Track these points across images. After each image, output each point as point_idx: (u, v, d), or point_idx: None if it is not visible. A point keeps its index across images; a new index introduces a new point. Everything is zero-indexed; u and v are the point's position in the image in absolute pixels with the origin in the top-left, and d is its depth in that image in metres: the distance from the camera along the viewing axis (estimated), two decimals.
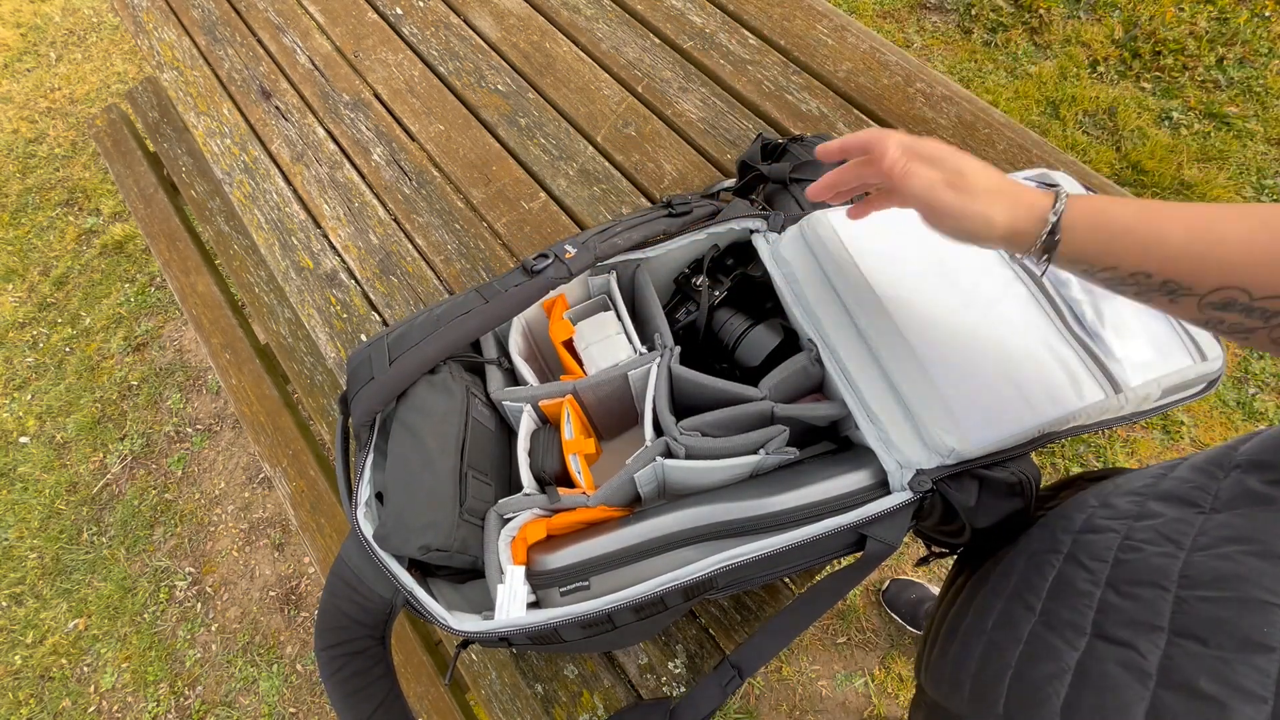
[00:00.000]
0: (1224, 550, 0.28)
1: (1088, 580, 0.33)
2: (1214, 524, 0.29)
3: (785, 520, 0.50)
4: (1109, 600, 0.31)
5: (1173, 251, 0.34)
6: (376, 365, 0.54)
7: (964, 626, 0.43)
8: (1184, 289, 0.34)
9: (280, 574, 1.61)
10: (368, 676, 0.49)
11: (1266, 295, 0.31)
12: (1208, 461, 0.33)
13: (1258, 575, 0.26)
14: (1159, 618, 0.28)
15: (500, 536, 0.52)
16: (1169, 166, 1.59)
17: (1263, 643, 0.25)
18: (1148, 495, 0.35)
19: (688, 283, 0.65)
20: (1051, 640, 0.33)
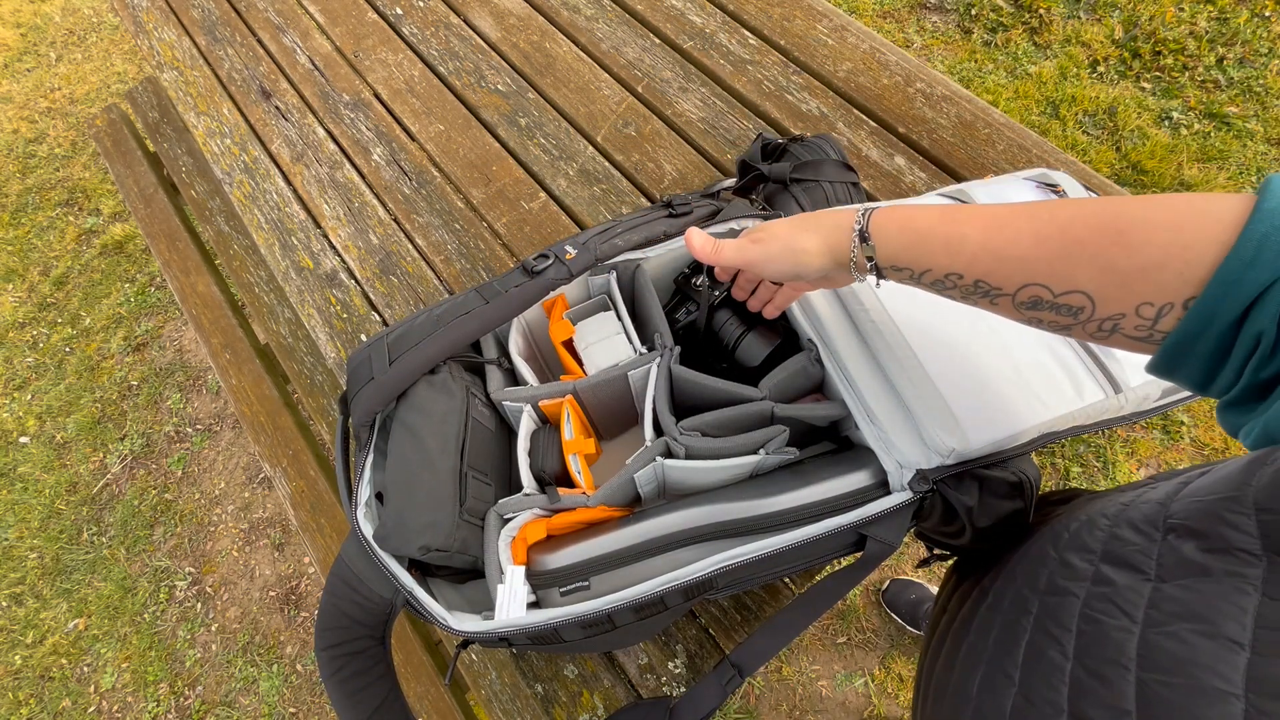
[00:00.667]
0: (1175, 629, 0.27)
1: (1058, 652, 0.32)
2: (1162, 596, 0.28)
3: (785, 520, 0.50)
4: (1079, 677, 0.31)
5: (973, 250, 0.35)
6: (376, 365, 0.54)
7: (950, 687, 0.42)
8: (995, 289, 0.35)
9: (280, 574, 1.61)
10: (368, 677, 0.49)
11: (1066, 290, 0.32)
12: (1144, 521, 0.32)
13: (1209, 659, 0.25)
14: (1126, 701, 0.27)
15: (500, 536, 0.52)
16: (1169, 166, 1.59)
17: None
18: (1099, 556, 0.34)
19: (688, 283, 0.65)
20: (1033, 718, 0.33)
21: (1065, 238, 0.32)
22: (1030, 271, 0.33)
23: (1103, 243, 0.31)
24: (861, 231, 0.39)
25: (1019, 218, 0.34)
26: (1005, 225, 0.34)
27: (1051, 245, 0.32)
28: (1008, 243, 0.34)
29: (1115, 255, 0.31)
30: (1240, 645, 0.24)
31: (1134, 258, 0.30)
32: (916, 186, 0.87)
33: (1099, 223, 0.31)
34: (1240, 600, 0.25)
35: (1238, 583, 0.25)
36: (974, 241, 0.35)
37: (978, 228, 0.35)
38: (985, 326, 0.53)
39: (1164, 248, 0.29)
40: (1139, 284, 0.30)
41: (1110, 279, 0.31)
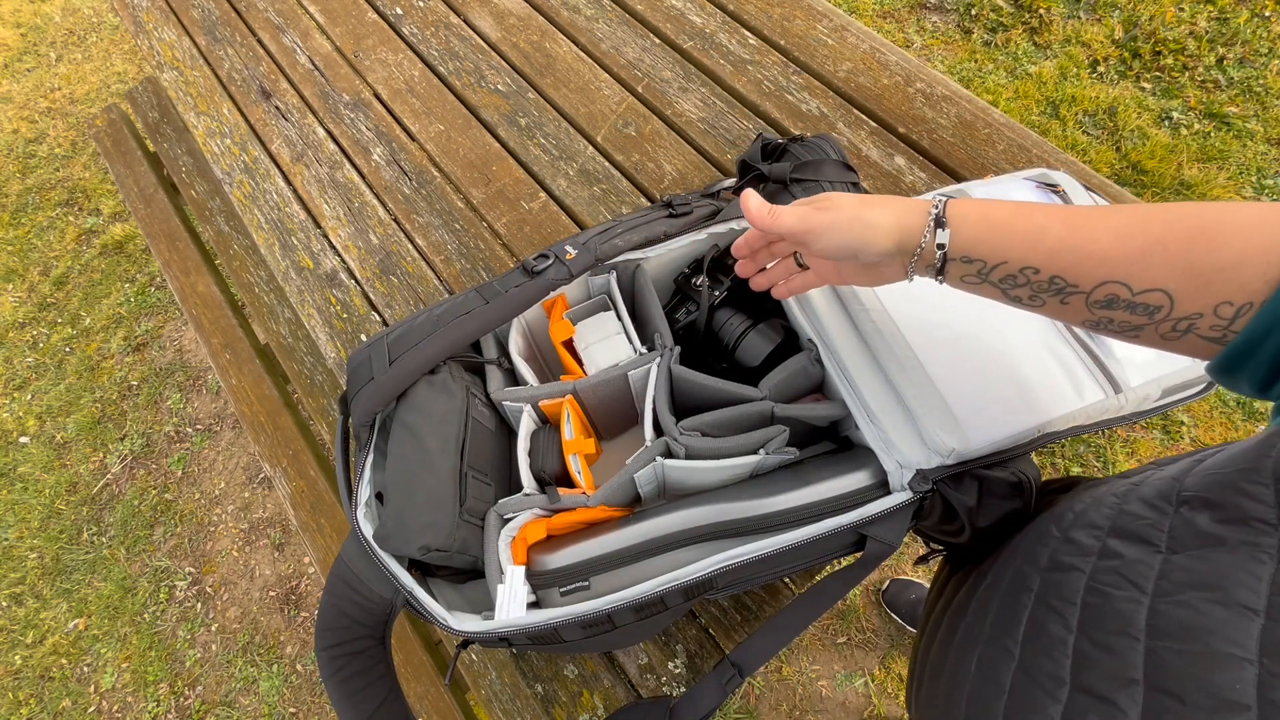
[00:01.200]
0: (1186, 597, 0.27)
1: (1061, 626, 0.33)
2: (1173, 567, 0.28)
3: (785, 520, 0.51)
4: (1083, 649, 0.31)
5: (1053, 244, 0.35)
6: (376, 366, 0.54)
7: (948, 667, 0.42)
8: (1070, 286, 0.35)
9: (280, 574, 1.61)
10: (368, 677, 0.49)
11: (1145, 289, 0.32)
12: (1157, 496, 0.33)
13: (1221, 626, 0.25)
14: (1134, 670, 0.28)
15: (500, 537, 0.52)
16: (1169, 166, 1.59)
17: (1237, 700, 0.24)
18: (1106, 531, 0.34)
19: (688, 283, 0.65)
20: (1033, 691, 0.33)
21: (1147, 235, 0.32)
22: (1110, 269, 0.33)
23: (1185, 240, 0.31)
24: (938, 216, 0.38)
25: (1098, 215, 0.34)
26: (1085, 221, 0.34)
27: (1134, 243, 0.32)
28: (1089, 239, 0.34)
29: (1197, 253, 0.30)
30: (1255, 611, 0.24)
31: (1215, 255, 0.30)
32: (916, 186, 0.87)
33: (1180, 221, 0.31)
34: (1255, 569, 0.25)
35: (1253, 551, 0.25)
36: (1054, 235, 0.35)
37: (1058, 221, 0.35)
38: (986, 327, 0.53)
39: (1245, 245, 0.29)
40: (1219, 283, 0.30)
41: (1191, 277, 0.31)
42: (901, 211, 0.39)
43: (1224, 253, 0.30)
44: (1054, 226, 0.35)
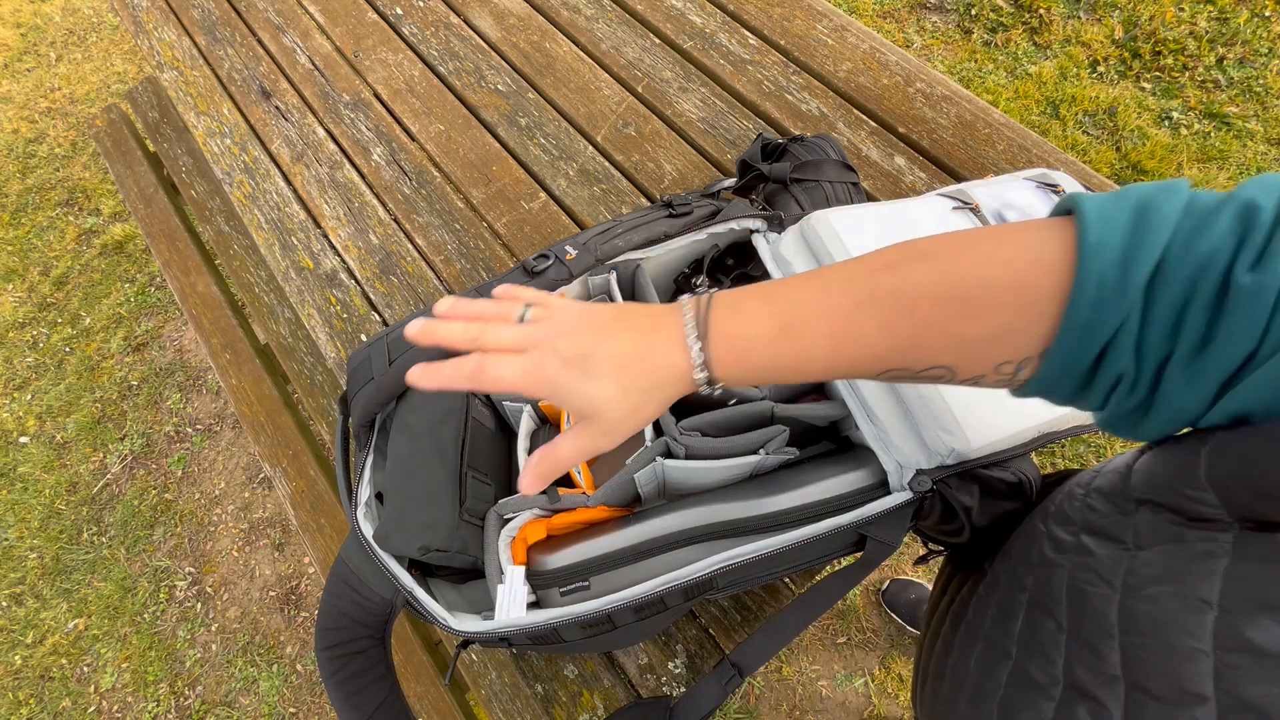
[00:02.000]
0: (1150, 592, 0.27)
1: (1054, 624, 0.33)
2: (1139, 562, 0.29)
3: (785, 520, 0.51)
4: (1072, 647, 0.31)
5: (823, 365, 0.33)
6: (376, 366, 0.54)
7: (950, 665, 0.42)
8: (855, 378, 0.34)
9: (280, 574, 1.61)
10: (368, 677, 0.49)
11: (925, 368, 0.32)
12: (1113, 492, 0.32)
13: (1180, 619, 0.26)
14: (1114, 667, 0.28)
15: (500, 537, 0.52)
16: (1169, 166, 1.59)
17: (1198, 693, 0.24)
18: (1079, 527, 0.34)
19: (688, 283, 0.65)
20: (1030, 689, 0.33)
21: (912, 322, 0.30)
22: (887, 362, 0.32)
23: (950, 318, 0.30)
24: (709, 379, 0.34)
25: (862, 312, 0.31)
26: (850, 326, 0.32)
27: (901, 334, 0.31)
28: (859, 346, 0.32)
29: (965, 328, 0.29)
30: (1209, 604, 0.25)
31: (983, 326, 0.29)
32: (916, 186, 0.87)
33: (943, 296, 0.30)
34: (1212, 563, 0.25)
35: (1210, 546, 0.26)
36: (822, 358, 0.32)
37: (823, 339, 0.32)
38: None
39: (1009, 311, 0.28)
40: (993, 349, 0.29)
41: (965, 350, 0.30)
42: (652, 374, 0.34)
43: (991, 321, 0.29)
44: (819, 349, 0.32)
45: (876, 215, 0.59)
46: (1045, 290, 0.27)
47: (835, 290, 0.32)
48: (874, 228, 0.57)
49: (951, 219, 0.59)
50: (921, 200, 0.61)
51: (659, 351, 0.34)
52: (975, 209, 0.60)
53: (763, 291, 0.34)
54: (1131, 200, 0.26)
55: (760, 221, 0.63)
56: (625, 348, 0.34)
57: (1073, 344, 0.27)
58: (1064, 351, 0.27)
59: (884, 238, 0.57)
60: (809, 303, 0.33)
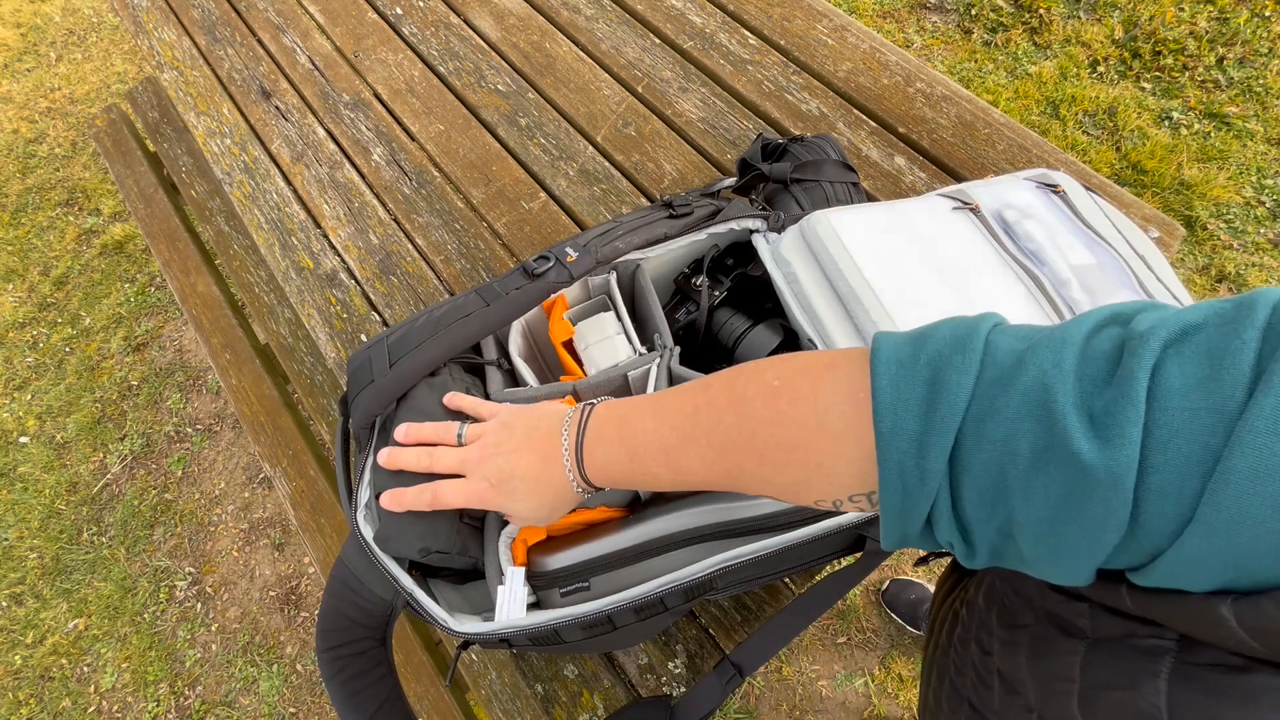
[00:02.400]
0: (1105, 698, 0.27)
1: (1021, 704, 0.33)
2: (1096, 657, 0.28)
3: (785, 520, 0.51)
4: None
5: (667, 483, 0.38)
6: (376, 368, 0.54)
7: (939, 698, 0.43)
8: None
9: (280, 574, 1.61)
10: (369, 678, 0.49)
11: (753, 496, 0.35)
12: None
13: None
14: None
15: (500, 538, 0.52)
16: (1169, 166, 1.59)
17: None
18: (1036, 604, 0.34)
19: (688, 283, 0.65)
20: None
21: (727, 463, 0.34)
22: (717, 486, 0.36)
23: (753, 466, 0.32)
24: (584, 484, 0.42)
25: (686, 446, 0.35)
26: (679, 460, 0.36)
27: (719, 471, 0.34)
28: (689, 474, 0.36)
29: (769, 475, 0.32)
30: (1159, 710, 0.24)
31: (784, 476, 0.31)
32: (916, 186, 0.87)
33: (744, 444, 0.32)
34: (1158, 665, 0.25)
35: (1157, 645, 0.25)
36: (665, 480, 0.37)
37: (661, 468, 0.37)
38: None
39: (801, 468, 0.30)
40: (803, 491, 0.31)
41: (777, 490, 0.32)
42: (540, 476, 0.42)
43: (789, 473, 0.31)
44: (661, 474, 0.37)
45: (877, 216, 0.59)
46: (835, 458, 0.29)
47: (665, 426, 0.37)
48: (874, 227, 0.57)
49: (951, 219, 0.59)
50: (921, 200, 0.61)
51: (554, 474, 0.42)
52: (975, 209, 0.60)
53: (619, 417, 0.40)
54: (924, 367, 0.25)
55: (760, 221, 0.63)
56: (532, 470, 0.42)
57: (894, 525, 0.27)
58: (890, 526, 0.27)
59: (884, 237, 0.57)
60: (649, 433, 0.38)
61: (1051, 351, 0.23)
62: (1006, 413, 0.23)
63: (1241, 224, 1.53)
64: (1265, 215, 1.54)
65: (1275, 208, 1.54)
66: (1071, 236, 0.59)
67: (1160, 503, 0.20)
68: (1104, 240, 0.58)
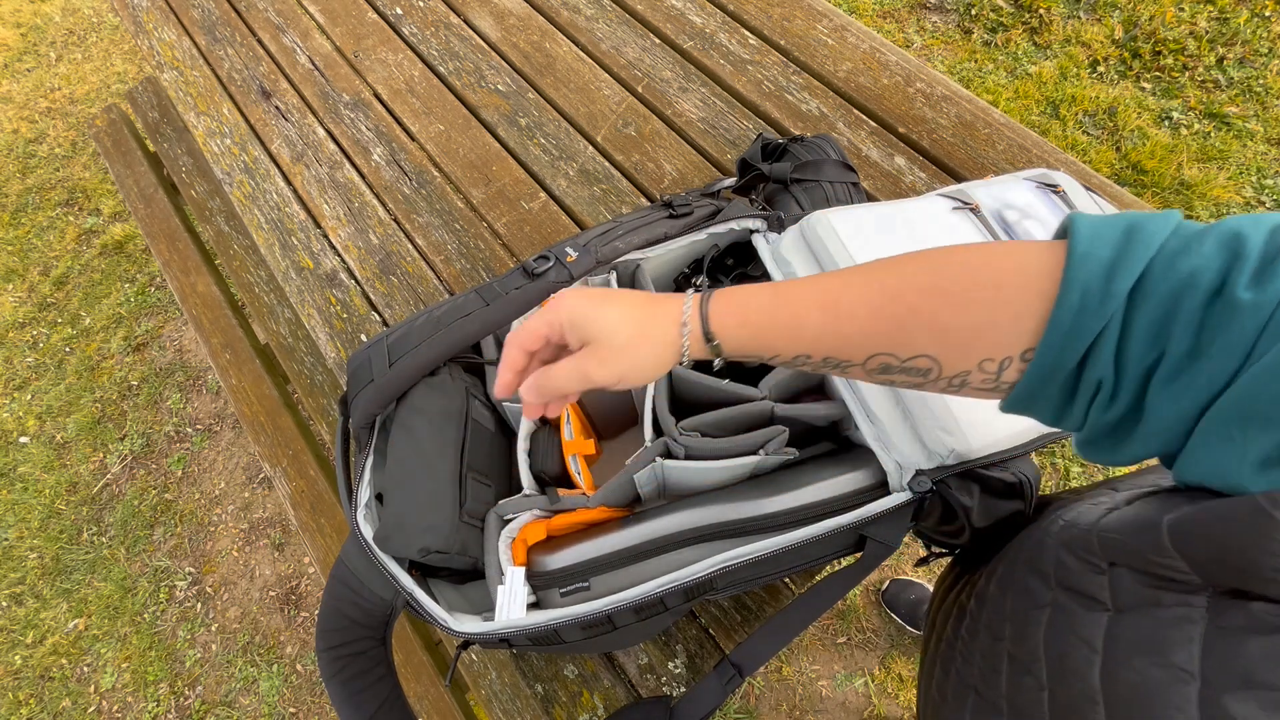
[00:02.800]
0: (1132, 660, 0.27)
1: (1032, 682, 0.33)
2: (1121, 627, 0.29)
3: (785, 521, 0.51)
4: (1055, 708, 0.31)
5: (813, 333, 0.35)
6: (376, 368, 0.54)
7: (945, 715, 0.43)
8: (843, 362, 0.35)
9: (280, 574, 1.61)
10: (369, 677, 0.49)
11: (911, 356, 0.33)
12: (1082, 549, 0.33)
13: (1164, 691, 0.25)
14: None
15: (500, 538, 0.52)
16: (1169, 166, 1.59)
17: None
18: (1053, 581, 0.34)
19: (687, 283, 0.65)
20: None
21: (899, 306, 0.33)
22: (874, 343, 0.34)
23: (933, 306, 0.32)
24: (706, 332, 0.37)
25: (853, 290, 0.34)
26: (840, 302, 0.34)
27: (887, 316, 0.33)
28: (845, 319, 0.34)
29: (947, 317, 0.31)
30: (1191, 674, 0.25)
31: (963, 316, 0.31)
32: (916, 186, 0.87)
33: (927, 286, 0.32)
34: (1189, 629, 0.25)
35: (1186, 611, 0.26)
36: (813, 324, 0.35)
37: (814, 308, 0.35)
38: None
39: (989, 305, 0.30)
40: (975, 342, 0.31)
41: (947, 340, 0.32)
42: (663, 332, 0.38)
43: (971, 312, 0.31)
44: (811, 315, 0.35)
45: (876, 215, 0.59)
46: (1028, 290, 0.29)
47: (828, 277, 0.36)
48: (874, 228, 0.57)
49: (951, 219, 0.59)
50: (922, 200, 0.61)
51: (664, 308, 0.38)
52: (975, 209, 0.60)
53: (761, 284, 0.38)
54: (1123, 221, 0.28)
55: (760, 221, 0.63)
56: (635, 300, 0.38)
57: (1056, 345, 0.28)
58: (1047, 352, 0.29)
59: (884, 238, 0.57)
60: (805, 284, 0.36)
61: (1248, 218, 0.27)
62: (1199, 249, 0.26)
63: None
64: None
65: (1275, 208, 1.54)
66: None
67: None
68: None
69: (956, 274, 0.31)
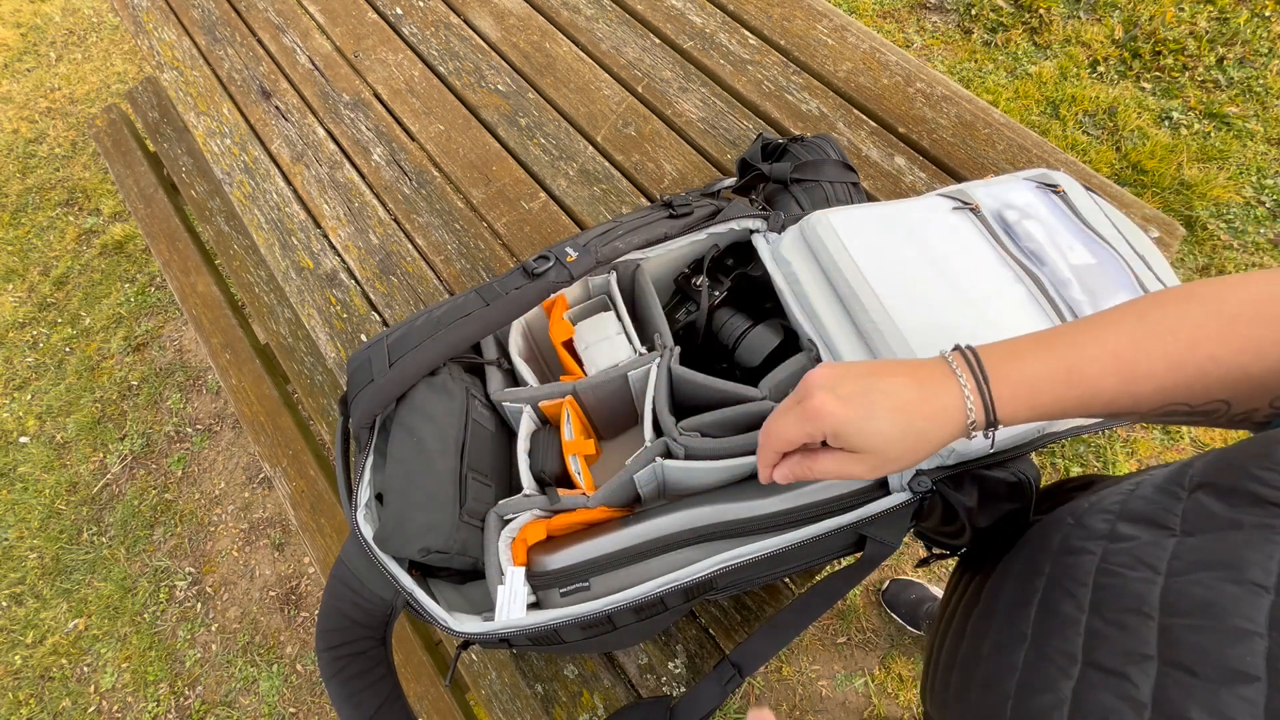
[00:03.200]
0: (1199, 576, 0.28)
1: (1073, 606, 0.33)
2: (1187, 548, 0.29)
3: (785, 521, 0.50)
4: (1096, 627, 0.31)
5: (1107, 400, 0.34)
6: (376, 368, 0.54)
7: (962, 654, 0.43)
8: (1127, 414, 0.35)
9: (280, 574, 1.61)
10: (369, 678, 0.49)
11: (1204, 403, 0.33)
12: (1167, 481, 0.33)
13: (1234, 603, 0.26)
14: (1147, 646, 0.28)
15: (500, 538, 0.52)
16: (1169, 166, 1.59)
17: (1247, 672, 0.25)
18: (1117, 515, 0.35)
19: (688, 283, 0.65)
20: (1046, 669, 0.33)
21: (1198, 355, 0.32)
22: (1169, 396, 0.33)
23: (1231, 353, 0.31)
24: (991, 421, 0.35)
25: (1148, 341, 0.33)
26: (1137, 365, 0.33)
27: (1188, 369, 0.32)
28: (1142, 381, 0.33)
29: (1248, 363, 0.31)
30: (1265, 588, 0.25)
31: (1264, 363, 0.31)
32: (916, 186, 0.87)
33: (1224, 331, 0.32)
34: (1268, 548, 0.26)
35: (1267, 533, 0.26)
36: (1108, 393, 0.34)
37: (1110, 377, 0.33)
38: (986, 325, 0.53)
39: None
40: (1273, 382, 0.31)
41: (1246, 385, 0.32)
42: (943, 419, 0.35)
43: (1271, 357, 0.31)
44: (1106, 385, 0.34)
45: (877, 216, 0.59)
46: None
47: (1107, 335, 0.34)
48: (874, 228, 0.57)
49: (952, 219, 0.59)
50: (922, 200, 0.61)
51: (936, 395, 0.35)
52: (975, 209, 0.60)
53: (1035, 339, 0.36)
54: None
55: (760, 221, 0.63)
56: (902, 390, 0.35)
57: None
58: None
59: (884, 238, 0.57)
60: (1086, 345, 0.34)
61: None
62: None
63: (1241, 224, 1.53)
64: (1265, 215, 1.53)
65: (1275, 208, 1.54)
66: (1072, 237, 0.59)
67: None
68: (1104, 240, 0.58)
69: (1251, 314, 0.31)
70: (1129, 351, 0.33)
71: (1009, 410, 0.35)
